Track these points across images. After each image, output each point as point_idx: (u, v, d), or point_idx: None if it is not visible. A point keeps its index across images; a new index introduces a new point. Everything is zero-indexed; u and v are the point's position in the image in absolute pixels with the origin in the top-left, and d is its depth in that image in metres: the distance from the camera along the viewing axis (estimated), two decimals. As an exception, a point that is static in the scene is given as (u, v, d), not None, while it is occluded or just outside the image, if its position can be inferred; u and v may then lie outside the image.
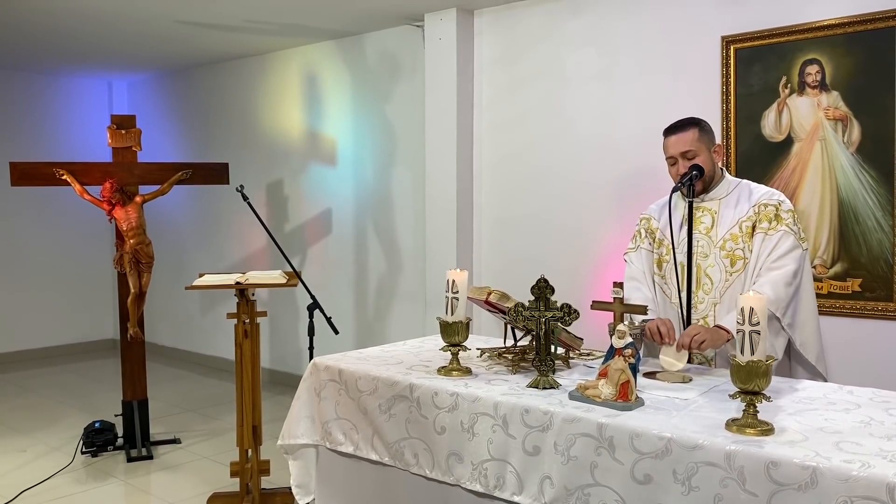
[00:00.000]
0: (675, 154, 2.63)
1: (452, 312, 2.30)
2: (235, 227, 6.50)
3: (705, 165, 2.60)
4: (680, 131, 2.65)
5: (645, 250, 2.79)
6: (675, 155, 2.63)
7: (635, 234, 2.86)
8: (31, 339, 7.16)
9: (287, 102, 6.05)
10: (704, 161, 2.60)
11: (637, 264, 2.79)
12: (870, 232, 3.40)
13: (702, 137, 2.62)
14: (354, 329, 5.60)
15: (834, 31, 3.44)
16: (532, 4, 4.49)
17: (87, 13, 4.81)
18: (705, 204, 2.68)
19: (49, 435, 4.82)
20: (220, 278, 3.65)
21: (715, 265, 2.59)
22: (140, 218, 4.42)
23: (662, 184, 2.95)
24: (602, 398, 1.94)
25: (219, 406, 5.52)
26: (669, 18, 3.96)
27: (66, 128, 7.32)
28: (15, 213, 6.99)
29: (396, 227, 5.32)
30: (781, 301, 2.48)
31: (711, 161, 2.64)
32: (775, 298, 2.44)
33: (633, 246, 2.85)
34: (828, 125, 3.48)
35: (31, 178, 4.40)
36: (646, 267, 2.77)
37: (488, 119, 4.73)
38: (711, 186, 2.67)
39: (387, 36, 5.29)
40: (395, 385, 2.29)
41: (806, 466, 1.53)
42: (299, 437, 2.56)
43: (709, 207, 2.67)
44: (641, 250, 2.81)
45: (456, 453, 2.11)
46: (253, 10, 4.78)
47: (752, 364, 1.71)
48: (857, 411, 1.89)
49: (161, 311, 7.12)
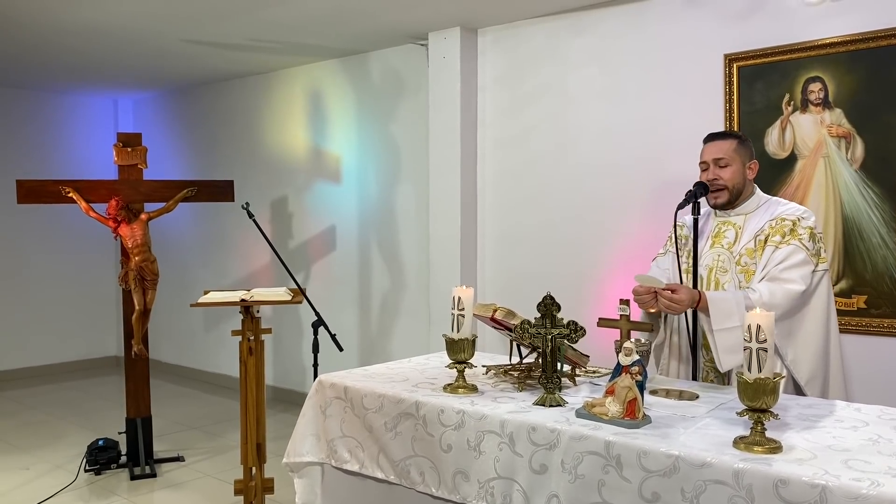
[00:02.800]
0: (708, 159, 2.68)
1: (458, 329, 2.30)
2: (240, 244, 6.52)
3: (734, 178, 2.64)
4: (719, 139, 2.71)
5: (672, 254, 2.82)
6: (708, 160, 2.68)
7: (667, 238, 2.93)
8: (34, 356, 7.16)
9: (292, 120, 6.08)
10: (735, 173, 2.64)
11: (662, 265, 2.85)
12: (874, 249, 3.40)
13: (738, 149, 2.66)
14: (358, 346, 5.60)
15: (836, 49, 3.46)
16: (535, 23, 4.52)
17: (93, 32, 4.85)
18: (731, 218, 2.70)
19: (52, 453, 4.81)
20: (225, 295, 3.66)
21: (731, 280, 2.61)
22: (145, 235, 4.43)
23: (665, 200, 2.96)
24: (609, 416, 1.93)
25: (223, 424, 5.51)
26: (672, 36, 3.98)
27: (73, 145, 7.37)
28: (21, 231, 7.02)
29: (400, 243, 5.33)
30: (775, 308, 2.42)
31: (743, 175, 2.66)
32: (767, 302, 2.42)
33: (662, 251, 2.92)
34: (831, 142, 3.49)
35: (38, 196, 4.42)
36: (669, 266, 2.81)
37: (492, 136, 4.75)
38: (740, 201, 2.69)
39: (391, 54, 5.33)
40: (401, 403, 2.28)
41: (815, 485, 1.52)
42: (304, 455, 2.55)
43: (734, 222, 2.69)
44: (669, 254, 2.85)
45: (462, 471, 2.10)
46: (258, 29, 4.82)
47: (759, 381, 1.70)
48: (865, 429, 1.89)
49: (165, 328, 7.12)
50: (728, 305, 2.44)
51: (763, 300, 2.42)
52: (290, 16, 4.50)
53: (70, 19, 4.55)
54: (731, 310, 2.43)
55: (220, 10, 4.39)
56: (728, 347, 2.43)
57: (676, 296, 2.44)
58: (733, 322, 2.41)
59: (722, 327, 2.43)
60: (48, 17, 4.50)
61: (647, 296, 2.50)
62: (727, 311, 2.44)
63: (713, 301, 2.45)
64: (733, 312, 2.42)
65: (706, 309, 2.45)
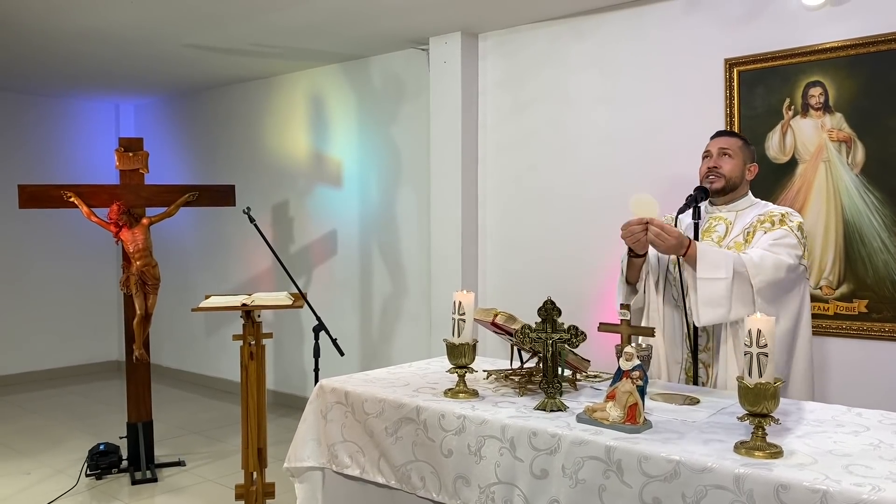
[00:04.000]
0: (713, 149, 2.73)
1: (459, 334, 2.30)
2: (241, 249, 6.52)
3: (734, 170, 2.68)
4: (727, 136, 2.80)
5: None
6: (713, 149, 2.73)
7: None
8: (36, 360, 7.16)
9: (293, 125, 6.09)
10: (735, 166, 2.69)
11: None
12: (875, 253, 3.40)
13: (743, 148, 2.74)
14: (359, 350, 5.60)
15: (837, 54, 3.46)
16: (536, 28, 4.53)
17: (94, 37, 4.87)
18: (723, 214, 2.72)
19: (53, 457, 4.81)
20: (226, 300, 3.66)
21: None
22: (147, 240, 4.44)
23: (666, 205, 2.95)
24: (610, 421, 1.93)
25: (224, 428, 5.51)
26: (672, 41, 3.99)
27: (74, 150, 7.38)
28: (22, 235, 7.03)
29: (401, 248, 5.34)
30: (763, 271, 2.43)
31: (742, 172, 2.71)
32: (757, 263, 2.42)
33: None
34: (832, 147, 3.50)
35: (39, 201, 4.43)
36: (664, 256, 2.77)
37: (493, 141, 4.76)
38: (733, 196, 2.72)
39: (392, 59, 5.34)
40: (402, 407, 2.28)
41: (816, 490, 1.52)
42: (305, 460, 2.55)
43: (725, 217, 2.72)
44: None
45: (463, 476, 2.10)
46: (260, 34, 4.84)
47: (760, 386, 1.70)
48: (867, 434, 1.88)
49: (166, 332, 7.12)
50: (716, 257, 2.43)
51: (753, 261, 2.43)
52: (292, 21, 4.51)
53: (72, 24, 4.56)
54: (718, 262, 2.41)
55: (221, 16, 4.40)
56: (708, 299, 2.40)
57: (668, 228, 2.41)
58: (719, 274, 2.39)
59: (706, 276, 2.40)
60: (50, 23, 4.52)
61: (638, 227, 2.44)
62: (715, 262, 2.41)
63: (702, 251, 2.43)
64: (720, 265, 2.40)
65: (693, 258, 2.42)
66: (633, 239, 2.48)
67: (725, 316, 2.42)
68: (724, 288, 2.40)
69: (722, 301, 2.41)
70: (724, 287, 2.40)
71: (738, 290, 2.41)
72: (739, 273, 2.41)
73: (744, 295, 2.43)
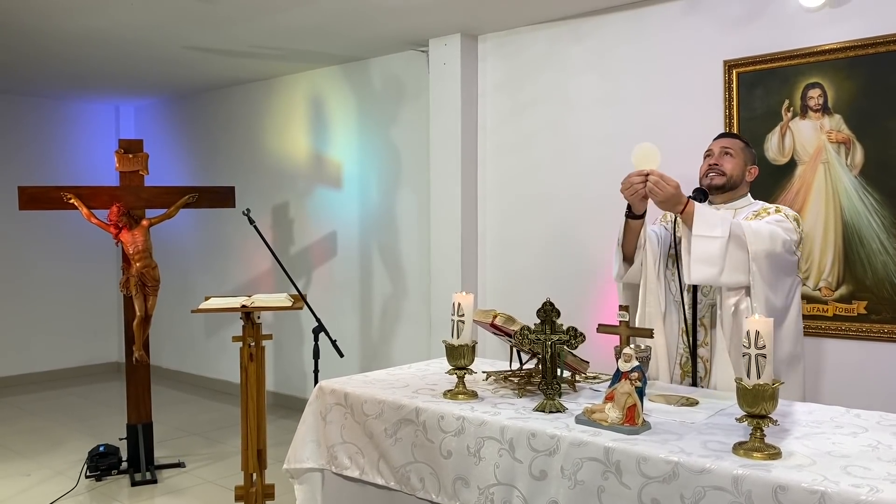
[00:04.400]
0: (715, 148, 2.76)
1: (458, 336, 2.30)
2: (241, 250, 6.53)
3: (735, 169, 2.70)
4: (730, 137, 2.85)
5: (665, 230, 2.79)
6: (715, 148, 2.76)
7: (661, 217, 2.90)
8: (35, 362, 7.16)
9: (293, 126, 6.10)
10: (736, 166, 2.71)
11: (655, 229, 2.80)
12: (874, 254, 3.40)
13: (745, 150, 2.77)
14: (359, 352, 5.60)
15: (836, 55, 3.47)
16: (535, 30, 4.54)
17: (95, 39, 4.87)
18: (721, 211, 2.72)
19: (53, 459, 4.81)
20: (226, 301, 3.66)
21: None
22: (146, 241, 4.44)
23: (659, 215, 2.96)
24: (609, 422, 1.93)
25: (223, 430, 5.51)
26: (672, 43, 3.99)
27: (74, 152, 7.39)
28: (22, 237, 7.03)
29: (401, 249, 5.34)
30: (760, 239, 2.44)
31: (743, 173, 2.73)
32: (754, 230, 2.44)
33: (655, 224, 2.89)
34: (831, 148, 3.50)
35: (39, 202, 4.43)
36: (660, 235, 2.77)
37: (493, 142, 4.76)
38: (733, 195, 2.74)
39: (392, 61, 5.34)
40: (401, 409, 2.28)
41: (814, 491, 1.52)
42: (305, 461, 2.55)
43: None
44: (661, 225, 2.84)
45: (462, 478, 2.11)
46: (260, 36, 4.84)
47: (758, 387, 1.71)
48: (865, 435, 1.89)
49: (166, 334, 7.13)
50: (714, 217, 2.44)
51: (752, 228, 2.44)
52: (292, 22, 4.51)
53: (72, 26, 4.57)
54: (715, 221, 2.42)
55: (221, 18, 4.40)
56: (702, 257, 2.39)
57: (667, 177, 2.41)
58: (715, 233, 2.39)
59: (702, 234, 2.40)
60: (50, 25, 4.52)
61: (638, 178, 2.44)
62: (712, 221, 2.42)
63: (700, 209, 2.45)
64: (717, 225, 2.41)
65: (691, 215, 2.43)
66: (632, 191, 2.47)
67: (717, 276, 2.42)
68: (720, 247, 2.40)
69: (716, 260, 2.40)
70: (719, 246, 2.40)
71: (734, 252, 2.41)
72: (736, 236, 2.41)
73: (739, 260, 2.42)
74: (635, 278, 2.71)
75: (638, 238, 2.66)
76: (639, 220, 2.62)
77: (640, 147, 2.49)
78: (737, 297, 2.51)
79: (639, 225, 2.63)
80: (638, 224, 2.63)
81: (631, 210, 2.60)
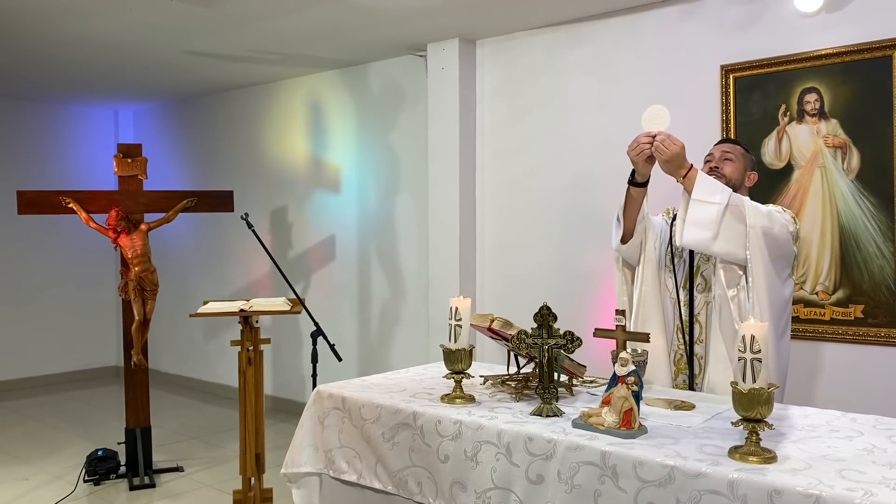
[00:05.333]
0: (715, 152, 2.77)
1: (456, 340, 2.31)
2: (240, 255, 6.53)
3: (734, 173, 2.71)
4: (730, 142, 2.87)
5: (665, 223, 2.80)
6: (715, 153, 2.77)
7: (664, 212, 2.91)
8: (34, 366, 7.16)
9: (292, 131, 6.11)
10: (736, 170, 2.72)
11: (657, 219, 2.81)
12: (871, 258, 3.41)
13: (745, 156, 2.78)
14: (357, 356, 5.60)
15: (832, 60, 3.48)
16: (533, 34, 4.55)
17: (94, 43, 4.88)
18: None
19: (51, 463, 4.81)
20: (224, 305, 3.67)
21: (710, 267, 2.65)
22: (145, 245, 4.45)
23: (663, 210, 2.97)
24: (605, 426, 1.94)
25: (222, 434, 5.51)
26: (669, 48, 4.01)
27: (73, 156, 7.39)
28: (21, 241, 7.04)
29: (400, 253, 5.35)
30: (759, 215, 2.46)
31: (742, 177, 2.75)
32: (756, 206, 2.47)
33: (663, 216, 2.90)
34: (827, 152, 3.51)
35: (38, 207, 4.44)
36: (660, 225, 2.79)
37: (491, 146, 4.78)
38: None
39: (390, 65, 5.35)
40: (399, 413, 2.29)
41: (809, 494, 1.53)
42: (302, 466, 2.56)
43: None
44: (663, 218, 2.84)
45: (459, 482, 2.11)
46: (258, 41, 4.85)
47: (754, 392, 1.71)
48: (860, 439, 1.89)
49: (165, 338, 7.13)
50: (714, 185, 2.47)
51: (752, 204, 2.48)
52: (291, 27, 4.53)
53: (71, 31, 4.58)
54: (715, 188, 2.45)
55: (220, 22, 4.42)
56: (696, 220, 2.42)
57: (674, 137, 2.43)
58: (714, 199, 2.42)
59: (701, 198, 2.42)
60: (49, 29, 4.53)
61: (645, 138, 2.47)
62: (712, 187, 2.45)
63: (702, 175, 2.48)
64: (717, 192, 2.44)
65: (692, 181, 2.45)
66: (638, 150, 2.49)
67: (710, 241, 2.43)
68: (716, 213, 2.42)
69: (710, 224, 2.42)
70: (715, 211, 2.42)
71: (730, 221, 2.43)
72: (735, 206, 2.44)
73: (734, 230, 2.44)
74: (633, 254, 2.72)
75: (639, 211, 2.68)
76: (641, 188, 2.62)
77: (652, 108, 2.51)
78: (734, 291, 2.51)
79: (641, 193, 2.64)
80: (640, 192, 2.64)
81: (634, 177, 2.61)
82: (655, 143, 2.45)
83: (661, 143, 2.44)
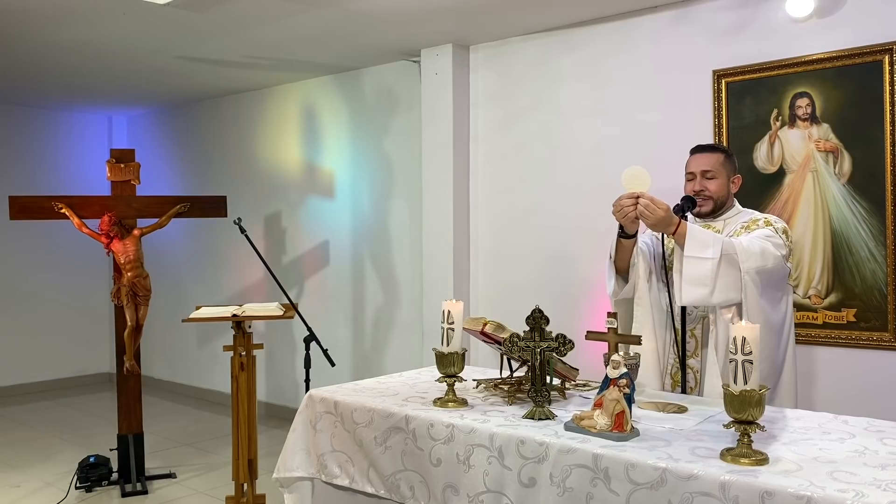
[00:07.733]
0: (696, 171, 2.74)
1: (448, 343, 2.30)
2: (233, 260, 6.52)
3: (720, 190, 2.70)
4: (707, 152, 2.77)
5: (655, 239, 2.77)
6: (696, 171, 2.74)
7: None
8: (26, 373, 7.12)
9: (285, 136, 6.11)
10: (720, 185, 2.71)
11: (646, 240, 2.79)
12: (863, 262, 3.42)
13: (725, 163, 2.73)
14: (351, 361, 5.59)
15: (823, 65, 3.50)
16: (526, 40, 4.56)
17: (87, 49, 4.88)
18: (711, 223, 2.75)
19: (43, 470, 4.78)
20: (217, 311, 3.66)
21: None
22: (138, 251, 4.44)
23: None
24: (597, 429, 1.94)
25: (215, 440, 5.49)
26: (661, 53, 4.02)
27: (66, 162, 7.38)
28: (12, 247, 7.01)
29: (393, 258, 5.34)
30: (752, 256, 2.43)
31: (727, 188, 2.73)
32: (746, 247, 2.44)
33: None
34: (819, 157, 3.53)
35: (31, 212, 4.42)
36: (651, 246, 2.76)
37: (484, 152, 4.78)
38: (722, 212, 2.75)
39: (384, 71, 5.36)
40: (391, 417, 2.28)
41: (800, 496, 1.53)
42: (295, 470, 2.55)
43: (712, 225, 2.74)
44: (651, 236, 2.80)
45: (452, 485, 2.10)
46: (252, 46, 4.86)
47: (745, 394, 1.71)
48: (852, 441, 1.89)
49: (157, 344, 7.10)
50: (706, 237, 2.43)
51: (743, 245, 2.44)
52: (284, 33, 4.53)
53: (65, 36, 4.57)
54: (707, 241, 2.41)
55: (214, 28, 4.42)
56: (693, 278, 2.39)
57: (657, 201, 2.40)
58: (706, 254, 2.39)
59: (693, 255, 2.40)
60: (43, 35, 4.53)
61: (628, 201, 2.45)
62: (704, 241, 2.41)
63: (691, 230, 2.44)
64: (709, 245, 2.40)
65: (683, 236, 2.42)
66: (623, 213, 2.47)
67: (707, 297, 2.42)
68: (710, 268, 2.40)
69: (706, 281, 2.40)
70: (709, 267, 2.40)
71: (725, 272, 2.41)
72: (728, 255, 2.42)
73: (730, 279, 2.42)
74: (629, 293, 2.73)
75: (631, 255, 2.68)
76: (631, 239, 2.63)
77: (630, 170, 2.49)
78: (731, 314, 2.51)
79: (631, 244, 2.65)
80: (630, 243, 2.65)
81: (623, 230, 2.61)
82: (639, 208, 2.42)
83: (645, 208, 2.41)
